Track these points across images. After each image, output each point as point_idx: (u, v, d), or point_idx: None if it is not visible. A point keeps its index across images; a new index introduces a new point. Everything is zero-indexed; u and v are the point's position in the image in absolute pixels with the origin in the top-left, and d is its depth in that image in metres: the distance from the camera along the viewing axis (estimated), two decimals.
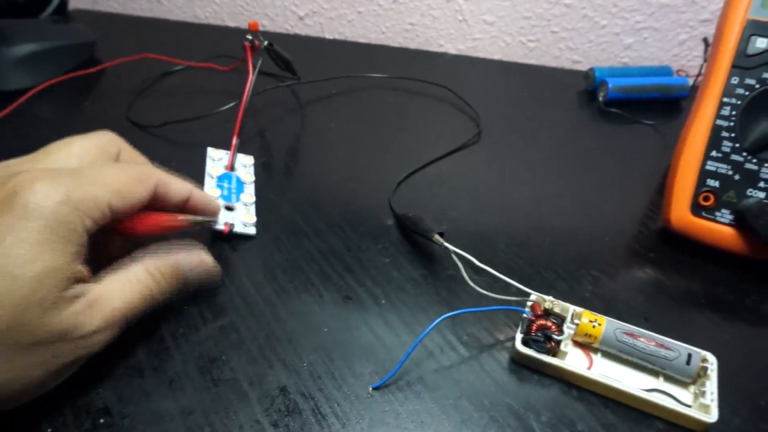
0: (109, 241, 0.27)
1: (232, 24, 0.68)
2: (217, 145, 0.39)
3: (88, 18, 0.66)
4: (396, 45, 0.61)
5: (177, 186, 0.27)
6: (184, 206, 0.28)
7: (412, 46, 0.62)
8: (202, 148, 0.39)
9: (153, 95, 0.51)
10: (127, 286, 0.24)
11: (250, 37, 0.42)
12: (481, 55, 0.61)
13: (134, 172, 0.25)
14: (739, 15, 0.34)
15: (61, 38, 0.54)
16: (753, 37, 0.34)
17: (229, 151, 0.39)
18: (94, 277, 0.24)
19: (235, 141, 0.39)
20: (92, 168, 0.24)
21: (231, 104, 0.44)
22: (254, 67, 0.41)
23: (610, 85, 0.52)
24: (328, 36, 0.63)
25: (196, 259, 0.28)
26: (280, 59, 0.47)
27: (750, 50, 0.34)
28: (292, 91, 0.52)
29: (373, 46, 0.61)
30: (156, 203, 0.26)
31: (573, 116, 0.52)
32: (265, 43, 0.44)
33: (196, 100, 0.50)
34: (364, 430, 0.25)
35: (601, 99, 0.53)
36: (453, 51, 0.63)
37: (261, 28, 0.65)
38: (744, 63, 0.34)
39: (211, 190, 0.36)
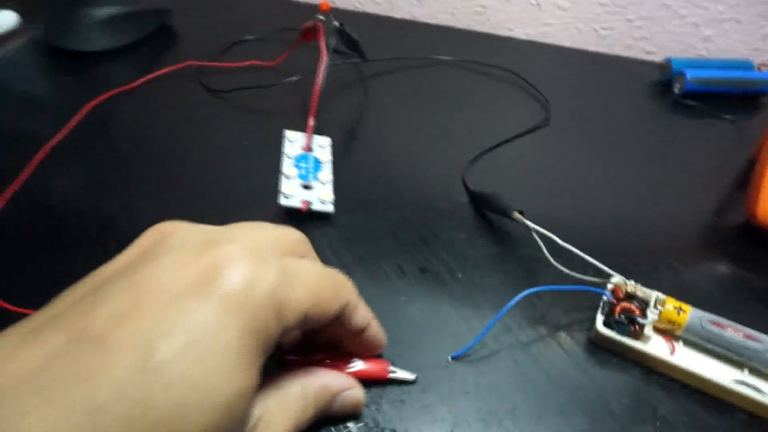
0: None
1: None
2: (287, 115, 0.40)
3: None
4: (465, 27, 0.61)
5: (363, 312, 0.23)
6: (357, 336, 0.23)
7: (482, 29, 0.62)
8: (271, 115, 0.39)
9: (225, 61, 0.52)
10: (286, 412, 0.20)
11: (322, 17, 0.43)
12: (551, 41, 0.60)
13: (333, 281, 0.21)
14: None
15: (139, 3, 0.56)
16: None
17: (305, 133, 0.39)
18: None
19: (311, 122, 0.39)
20: (294, 262, 0.20)
21: (300, 77, 0.45)
22: (327, 48, 0.41)
23: (688, 77, 0.50)
24: (397, 15, 0.63)
25: (350, 390, 0.23)
26: (350, 40, 0.47)
27: None
28: (359, 70, 0.52)
29: (441, 27, 0.61)
30: (335, 323, 0.21)
31: (646, 107, 0.51)
32: (337, 24, 0.44)
33: (265, 70, 0.50)
34: (444, 397, 0.25)
35: (677, 91, 0.52)
36: (522, 36, 0.62)
37: (331, 4, 0.66)
38: None
39: (289, 169, 0.36)
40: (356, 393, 0.23)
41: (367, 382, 0.25)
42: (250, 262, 0.17)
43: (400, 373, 0.25)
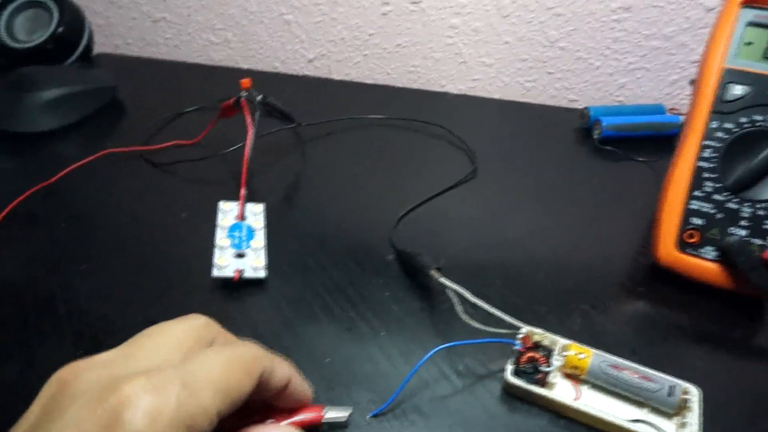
0: None
1: (245, 66, 0.72)
2: (225, 185, 0.42)
3: (110, 62, 0.70)
4: (400, 85, 0.64)
5: (280, 370, 0.24)
6: (281, 393, 0.24)
7: (416, 86, 0.65)
8: (209, 186, 0.41)
9: (166, 134, 0.54)
10: None
11: (244, 93, 0.45)
12: (481, 94, 0.64)
13: (241, 363, 0.21)
14: (716, 64, 0.36)
15: (84, 83, 0.58)
16: (729, 84, 0.36)
17: (238, 202, 0.41)
18: None
19: (243, 192, 0.41)
20: (196, 364, 0.20)
21: (239, 145, 0.47)
22: (253, 121, 0.44)
23: (603, 124, 0.54)
24: (336, 77, 0.67)
25: None
26: (276, 110, 0.50)
27: (727, 96, 0.36)
28: (296, 133, 0.55)
29: (378, 87, 0.64)
30: (256, 391, 0.22)
31: (568, 153, 0.54)
32: (259, 97, 0.46)
33: (207, 138, 0.52)
34: None
35: (595, 137, 0.55)
36: (454, 91, 0.66)
37: (273, 70, 0.69)
38: (722, 108, 0.36)
39: (222, 240, 0.38)
40: None
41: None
42: (150, 397, 0.18)
43: (335, 411, 0.27)
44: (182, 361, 0.20)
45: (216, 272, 0.36)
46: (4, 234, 0.41)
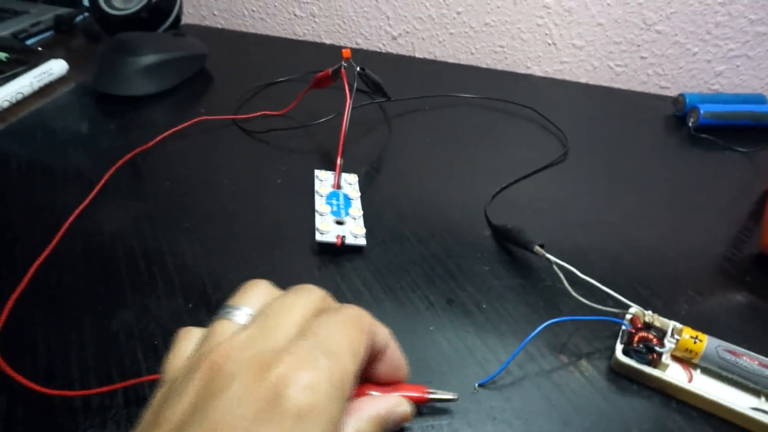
0: None
1: (328, 41, 0.72)
2: (318, 154, 0.42)
3: (198, 32, 0.72)
4: (484, 66, 0.64)
5: (382, 331, 0.24)
6: (380, 358, 0.24)
7: (500, 67, 0.65)
8: (302, 155, 0.42)
9: (258, 104, 0.55)
10: None
11: (344, 63, 0.46)
12: (568, 77, 0.63)
13: (354, 322, 0.22)
14: None
15: (179, 50, 0.60)
16: None
17: (334, 171, 0.42)
18: None
19: (339, 161, 0.42)
20: (323, 333, 0.21)
21: (330, 117, 0.48)
22: (350, 92, 0.44)
23: (701, 111, 0.52)
24: (419, 55, 0.66)
25: (398, 408, 0.24)
26: (371, 82, 0.50)
27: None
28: (384, 108, 0.55)
29: (462, 66, 0.64)
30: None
31: (661, 140, 0.52)
32: (358, 68, 0.47)
33: (295, 110, 0.53)
34: (472, 423, 0.27)
35: (691, 125, 0.53)
36: (539, 73, 0.65)
37: (356, 46, 0.69)
38: None
39: (321, 207, 0.39)
40: (404, 408, 0.24)
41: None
42: (304, 372, 0.19)
43: (440, 394, 0.26)
44: (310, 333, 0.21)
45: (319, 237, 0.37)
46: (111, 192, 0.43)
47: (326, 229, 0.37)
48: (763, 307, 0.35)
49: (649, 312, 0.31)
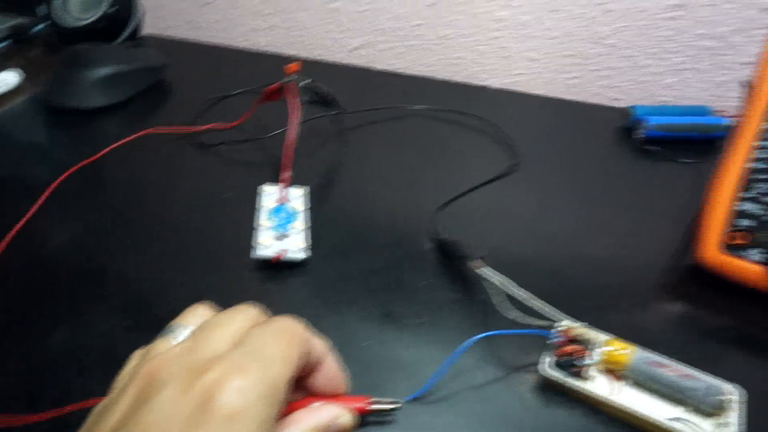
0: None
1: (288, 52, 0.72)
2: (268, 168, 0.43)
3: (158, 43, 0.71)
4: (441, 78, 0.64)
5: (317, 342, 0.24)
6: (317, 369, 0.25)
7: (457, 78, 0.65)
8: (253, 167, 0.42)
9: (213, 116, 0.55)
10: None
11: (288, 78, 0.45)
12: (522, 89, 0.63)
13: (283, 331, 0.23)
14: None
15: (134, 62, 0.60)
16: None
17: (281, 185, 0.42)
18: None
19: (285, 174, 0.42)
20: (254, 342, 0.22)
21: (283, 129, 0.48)
22: (298, 105, 0.44)
23: (648, 123, 0.53)
24: (379, 67, 0.67)
25: (340, 418, 0.25)
26: (321, 96, 0.50)
27: None
28: (338, 120, 0.56)
29: (418, 78, 0.64)
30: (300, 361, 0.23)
31: (611, 152, 0.53)
32: (303, 82, 0.46)
33: (250, 123, 0.53)
34: None
35: (638, 136, 0.54)
36: (496, 85, 0.65)
37: (316, 57, 0.70)
38: None
39: (263, 221, 0.39)
40: (345, 419, 0.25)
41: None
42: (235, 377, 0.19)
43: (383, 403, 0.27)
44: (243, 343, 0.22)
45: (257, 252, 0.37)
46: (56, 205, 0.43)
47: (266, 244, 0.37)
48: (696, 318, 0.35)
49: (579, 324, 0.31)
